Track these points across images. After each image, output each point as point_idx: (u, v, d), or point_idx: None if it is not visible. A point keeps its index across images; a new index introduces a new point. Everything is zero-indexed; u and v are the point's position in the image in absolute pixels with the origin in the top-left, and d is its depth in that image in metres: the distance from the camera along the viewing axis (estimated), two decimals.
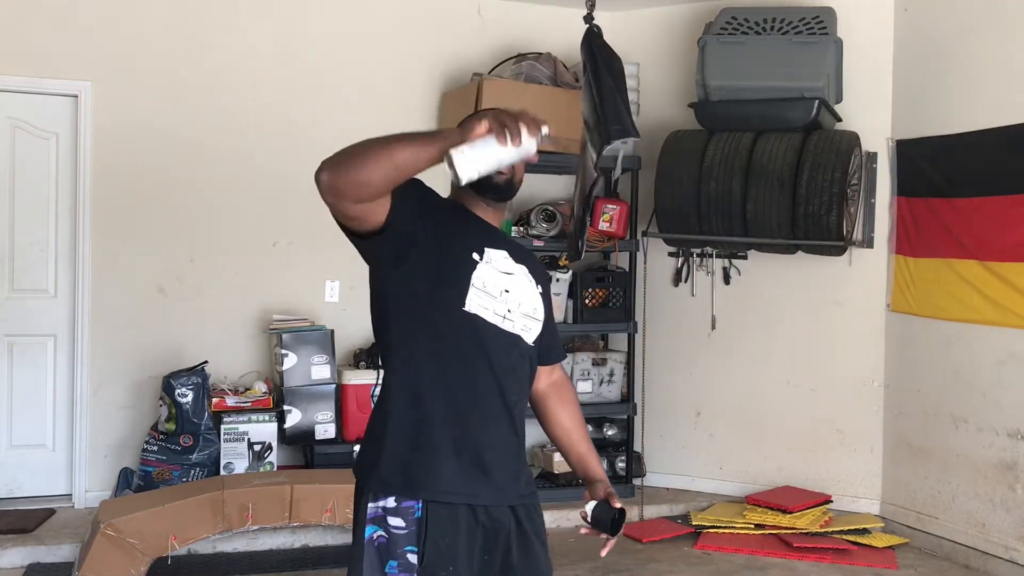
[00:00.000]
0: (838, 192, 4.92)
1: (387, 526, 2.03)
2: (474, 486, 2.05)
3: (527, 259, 2.23)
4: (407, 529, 2.01)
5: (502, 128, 1.82)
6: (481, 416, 2.08)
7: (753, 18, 5.12)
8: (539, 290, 2.20)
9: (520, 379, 2.17)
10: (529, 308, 2.16)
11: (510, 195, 2.22)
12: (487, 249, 2.11)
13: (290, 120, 5.43)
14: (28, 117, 5.10)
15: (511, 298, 2.12)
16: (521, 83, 5.25)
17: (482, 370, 2.08)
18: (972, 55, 4.77)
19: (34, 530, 4.66)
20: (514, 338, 2.12)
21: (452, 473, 2.03)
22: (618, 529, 2.20)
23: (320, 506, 4.30)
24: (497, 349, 2.09)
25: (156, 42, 5.22)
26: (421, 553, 2.00)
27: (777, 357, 5.56)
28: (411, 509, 2.02)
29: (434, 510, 2.01)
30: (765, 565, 4.64)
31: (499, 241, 2.18)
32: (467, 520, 2.04)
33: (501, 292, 2.10)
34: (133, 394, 5.20)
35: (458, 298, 2.05)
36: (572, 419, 2.38)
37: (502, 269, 2.12)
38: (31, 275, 5.14)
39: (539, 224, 5.37)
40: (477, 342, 2.07)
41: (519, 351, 2.14)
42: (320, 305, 5.47)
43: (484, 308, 2.07)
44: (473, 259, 2.08)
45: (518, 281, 2.15)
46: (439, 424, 2.05)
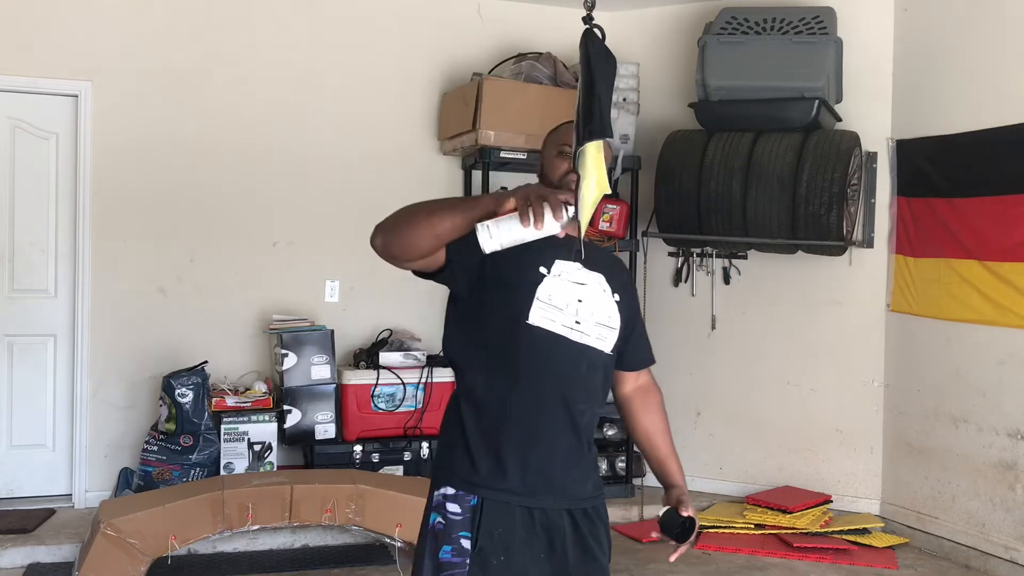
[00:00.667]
0: (838, 192, 4.92)
1: (445, 512, 2.09)
2: (532, 490, 2.09)
3: (606, 268, 2.23)
4: (462, 516, 2.07)
5: (527, 209, 1.88)
6: (544, 425, 2.11)
7: (753, 18, 5.12)
8: (616, 299, 2.20)
9: (589, 388, 2.17)
10: (603, 317, 2.16)
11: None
12: (558, 261, 2.13)
13: (290, 120, 5.43)
14: (28, 117, 5.10)
15: (582, 308, 2.13)
16: (521, 83, 5.25)
17: (546, 381, 2.10)
18: (972, 55, 4.77)
19: (34, 530, 4.66)
20: (584, 348, 2.13)
21: (512, 477, 2.08)
22: (686, 537, 2.24)
23: (320, 506, 4.30)
24: (563, 360, 2.11)
25: (156, 42, 5.22)
26: (475, 539, 2.05)
27: (777, 357, 5.56)
28: (468, 498, 2.08)
29: (490, 503, 2.07)
30: (765, 565, 4.64)
31: (575, 252, 2.16)
32: (523, 518, 2.09)
33: (570, 303, 2.12)
34: (133, 394, 5.20)
35: (521, 311, 2.07)
36: (654, 424, 2.38)
37: (574, 280, 2.13)
38: (31, 275, 5.14)
39: None
40: (541, 354, 2.09)
41: (589, 361, 2.15)
42: (320, 305, 5.47)
43: (550, 320, 2.09)
44: (540, 273, 2.11)
45: (591, 291, 2.16)
46: (502, 431, 2.09)
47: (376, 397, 5.23)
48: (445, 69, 5.72)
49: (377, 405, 5.23)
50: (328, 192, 5.50)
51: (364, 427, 5.20)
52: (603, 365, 2.19)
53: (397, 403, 5.26)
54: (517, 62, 5.47)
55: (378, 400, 5.24)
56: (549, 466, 2.11)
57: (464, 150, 5.47)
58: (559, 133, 2.27)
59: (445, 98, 5.64)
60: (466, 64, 5.67)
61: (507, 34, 5.79)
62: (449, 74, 5.71)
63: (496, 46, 5.75)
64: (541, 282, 2.10)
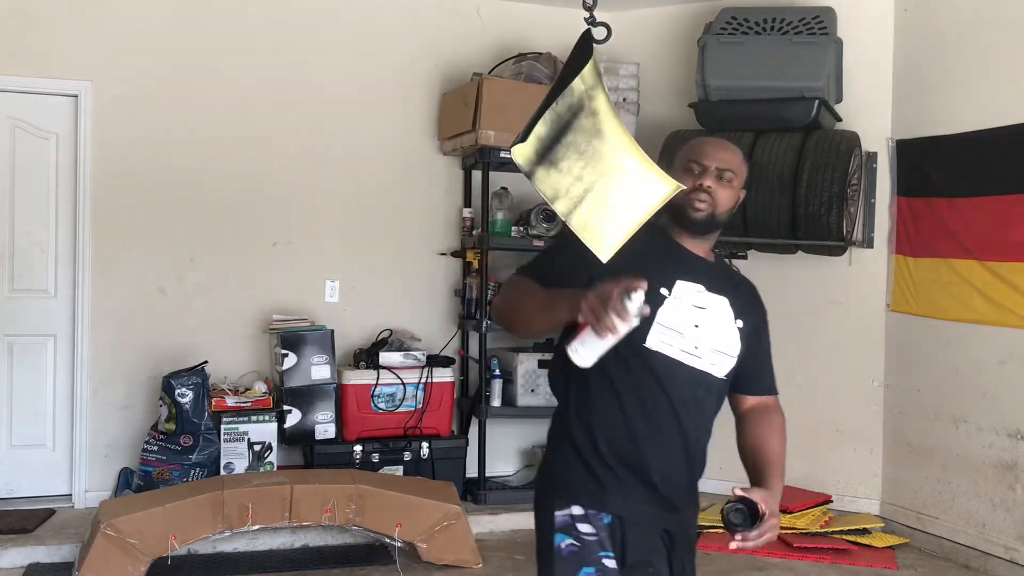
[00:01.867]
0: (838, 192, 4.92)
1: (577, 533, 2.06)
2: (662, 510, 2.10)
3: (731, 290, 2.17)
4: (598, 535, 2.05)
5: (597, 323, 1.81)
6: (658, 448, 2.08)
7: (753, 18, 5.12)
8: (739, 324, 2.14)
9: (703, 414, 2.14)
10: (721, 343, 2.12)
11: (710, 228, 2.17)
12: (679, 282, 2.08)
13: (291, 119, 5.43)
14: (28, 117, 5.10)
15: (700, 334, 2.08)
16: (521, 83, 5.25)
17: (661, 404, 2.07)
18: (972, 55, 4.77)
19: (34, 530, 4.66)
20: (700, 374, 2.09)
21: (642, 496, 2.07)
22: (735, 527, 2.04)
23: (320, 506, 4.30)
24: (679, 385, 2.07)
25: (156, 42, 5.21)
26: (620, 557, 2.04)
27: (777, 357, 5.52)
28: (600, 516, 2.06)
29: (630, 521, 2.07)
30: (765, 565, 4.64)
31: (696, 272, 2.13)
32: (661, 536, 2.12)
33: (689, 328, 2.07)
34: (133, 394, 5.20)
35: (640, 335, 2.00)
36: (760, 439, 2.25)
37: (694, 303, 2.09)
38: (31, 275, 5.13)
39: (539, 224, 5.36)
40: (657, 378, 2.06)
41: (705, 387, 2.12)
42: (320, 305, 5.47)
43: (668, 345, 2.05)
44: (660, 295, 2.05)
45: (711, 316, 2.10)
46: (624, 453, 2.07)
47: (376, 397, 5.23)
48: (445, 69, 5.71)
49: (377, 405, 5.23)
50: (328, 192, 5.50)
51: (364, 427, 5.20)
52: (716, 390, 2.16)
53: (397, 403, 5.26)
54: (517, 62, 5.46)
55: (378, 400, 5.23)
56: (664, 486, 2.10)
57: (464, 150, 5.47)
58: (690, 148, 2.19)
59: (445, 98, 5.64)
60: (466, 64, 5.67)
61: (507, 34, 5.79)
62: (449, 74, 5.71)
63: (496, 46, 5.75)
64: (662, 305, 2.04)
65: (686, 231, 2.15)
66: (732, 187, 2.14)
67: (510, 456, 5.82)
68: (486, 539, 4.90)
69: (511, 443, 5.80)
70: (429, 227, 5.71)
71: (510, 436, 5.76)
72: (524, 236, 5.41)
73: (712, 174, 2.11)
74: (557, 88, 1.91)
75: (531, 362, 5.41)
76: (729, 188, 2.13)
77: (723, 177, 2.12)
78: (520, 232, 5.43)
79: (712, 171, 2.11)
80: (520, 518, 5.16)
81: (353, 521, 4.36)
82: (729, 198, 2.14)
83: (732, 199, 2.15)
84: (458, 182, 5.75)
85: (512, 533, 5.07)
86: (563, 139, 1.89)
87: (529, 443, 5.82)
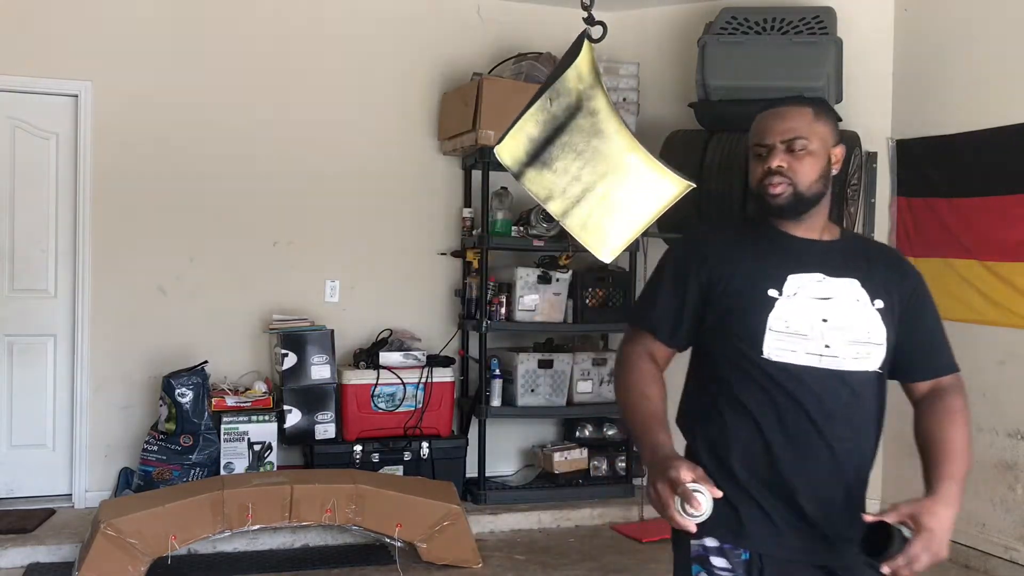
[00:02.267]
0: (838, 192, 4.92)
1: (710, 566, 1.88)
2: (805, 543, 1.84)
3: (863, 267, 1.90)
4: (733, 571, 1.86)
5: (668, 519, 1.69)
6: (803, 468, 1.83)
7: (753, 18, 5.12)
8: (878, 305, 1.87)
9: (855, 419, 1.87)
10: (860, 333, 1.85)
11: (804, 207, 1.89)
12: (791, 277, 1.84)
13: (291, 119, 5.43)
14: (28, 117, 5.10)
15: (829, 329, 1.83)
16: (521, 83, 5.25)
17: (798, 419, 1.82)
18: (972, 55, 4.77)
19: (34, 530, 4.66)
20: (840, 375, 1.84)
21: (783, 530, 1.84)
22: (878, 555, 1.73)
23: (320, 506, 4.30)
24: (815, 393, 1.82)
25: (156, 42, 5.21)
26: None
27: None
28: (737, 551, 1.86)
29: (769, 559, 1.84)
30: None
31: (812, 260, 1.88)
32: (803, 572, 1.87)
33: (815, 325, 1.83)
34: (133, 394, 5.20)
35: (755, 347, 1.83)
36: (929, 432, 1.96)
37: (815, 296, 1.84)
38: (31, 275, 5.13)
39: (539, 224, 5.37)
40: (786, 390, 1.82)
41: (851, 388, 1.85)
42: (320, 305, 5.47)
43: (790, 351, 1.82)
44: (770, 297, 1.83)
45: (839, 305, 1.85)
46: (759, 479, 1.85)
47: (376, 397, 5.23)
48: (445, 69, 5.71)
49: (377, 405, 5.23)
50: (328, 192, 5.50)
51: (364, 427, 5.20)
52: (872, 388, 1.90)
53: (397, 403, 5.26)
54: (517, 62, 5.46)
55: (378, 400, 5.23)
56: (811, 509, 1.84)
57: (464, 150, 5.47)
58: (752, 130, 1.96)
59: (445, 98, 5.64)
60: (466, 64, 5.67)
61: (507, 34, 5.79)
62: (449, 74, 5.71)
63: (496, 46, 5.75)
64: (772, 309, 1.83)
65: (782, 218, 1.91)
66: (810, 153, 1.87)
67: (510, 456, 5.82)
68: (486, 539, 4.90)
69: (511, 443, 5.80)
70: (429, 227, 5.71)
71: (510, 436, 5.76)
72: (524, 236, 5.41)
73: (779, 151, 1.87)
74: (543, 89, 1.91)
75: (531, 362, 5.41)
76: (806, 156, 1.87)
77: (793, 148, 1.87)
78: (520, 232, 5.43)
79: (778, 147, 1.88)
80: (520, 518, 5.17)
81: (353, 521, 4.36)
82: (811, 167, 1.87)
83: (817, 166, 1.88)
84: (458, 182, 5.75)
85: (512, 533, 5.07)
86: (557, 139, 1.87)
87: (529, 443, 5.83)
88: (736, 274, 1.84)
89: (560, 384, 5.48)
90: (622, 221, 1.83)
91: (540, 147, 1.86)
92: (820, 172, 1.88)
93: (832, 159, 1.92)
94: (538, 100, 1.89)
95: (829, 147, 1.91)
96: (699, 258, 1.93)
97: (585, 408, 5.61)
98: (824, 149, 1.90)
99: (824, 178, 1.89)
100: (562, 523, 5.20)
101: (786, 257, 1.87)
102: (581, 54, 1.91)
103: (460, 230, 5.68)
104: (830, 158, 1.91)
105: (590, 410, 5.63)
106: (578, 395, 5.55)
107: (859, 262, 1.91)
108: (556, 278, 5.42)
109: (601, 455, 5.62)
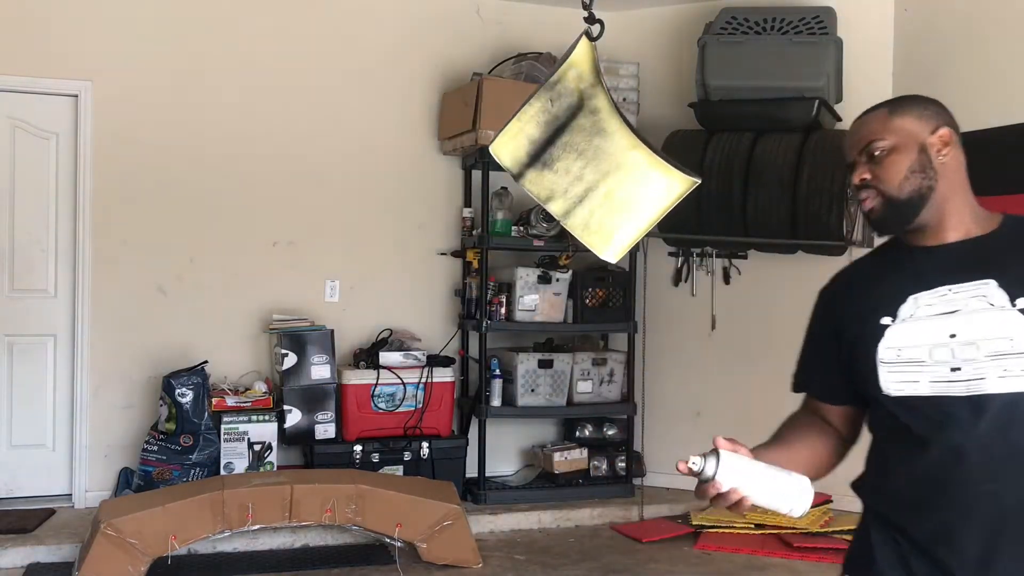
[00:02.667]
0: (838, 192, 4.92)
1: None
2: None
3: (1000, 265, 1.58)
4: None
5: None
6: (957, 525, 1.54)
7: (753, 18, 5.12)
8: (1020, 305, 1.53)
9: (1017, 454, 1.50)
10: (1000, 344, 1.51)
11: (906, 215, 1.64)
12: (911, 298, 1.60)
13: (290, 119, 5.43)
14: (28, 117, 5.10)
15: (959, 345, 1.54)
16: (521, 83, 5.25)
17: (948, 469, 1.54)
18: (972, 55, 4.77)
19: (34, 530, 4.66)
20: (982, 401, 1.50)
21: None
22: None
23: (320, 506, 4.30)
24: (952, 428, 1.53)
25: (156, 42, 5.21)
26: None
27: (777, 357, 5.49)
28: None
29: None
30: (765, 565, 4.63)
31: (938, 270, 1.61)
32: None
33: (938, 346, 1.55)
34: (133, 394, 5.20)
35: (873, 384, 1.61)
36: None
37: (939, 311, 1.57)
38: (31, 275, 5.13)
39: (539, 224, 5.37)
40: (912, 429, 1.57)
41: (996, 416, 1.50)
42: (320, 305, 5.47)
43: (912, 383, 1.57)
44: (881, 326, 1.61)
45: (967, 315, 1.55)
46: (899, 530, 1.63)
47: (376, 397, 5.23)
48: (445, 69, 5.71)
49: (377, 405, 5.23)
50: (328, 192, 5.50)
51: (364, 427, 5.20)
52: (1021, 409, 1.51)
53: (397, 403, 5.26)
54: (517, 62, 5.47)
55: (378, 400, 5.23)
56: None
57: (464, 150, 5.47)
58: (848, 136, 1.76)
59: (445, 98, 5.64)
60: (466, 64, 5.67)
61: (507, 34, 5.79)
62: (449, 74, 5.71)
63: (496, 46, 5.75)
64: (883, 337, 1.60)
65: (890, 232, 1.71)
66: (892, 151, 1.65)
67: (510, 456, 5.82)
68: (486, 539, 4.90)
69: (511, 443, 5.80)
70: (429, 227, 5.71)
71: (510, 436, 5.76)
72: (524, 236, 5.41)
73: (860, 164, 1.69)
74: (540, 89, 1.90)
75: (531, 362, 5.41)
76: (888, 156, 1.65)
77: (873, 155, 1.66)
78: (520, 232, 5.43)
79: (859, 161, 1.69)
80: (520, 518, 5.17)
81: (353, 521, 4.36)
82: (896, 166, 1.64)
83: (903, 162, 1.64)
84: (458, 182, 5.75)
85: (512, 533, 5.07)
86: (558, 140, 1.86)
87: (529, 443, 5.83)
88: (857, 309, 1.67)
89: (560, 384, 5.48)
90: (626, 220, 1.80)
91: (541, 148, 1.85)
92: (911, 167, 1.63)
93: (931, 147, 1.64)
94: (535, 100, 1.88)
95: (920, 137, 1.65)
96: (827, 299, 1.82)
97: (585, 408, 5.61)
98: (912, 141, 1.64)
99: (921, 172, 1.62)
100: (562, 523, 5.20)
101: (905, 276, 1.64)
102: (582, 53, 1.90)
103: (460, 230, 5.68)
104: (925, 147, 1.64)
105: (590, 410, 5.63)
106: (578, 395, 5.55)
107: (1005, 257, 1.59)
108: (556, 278, 5.43)
109: (601, 455, 5.62)
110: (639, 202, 1.80)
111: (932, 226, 1.65)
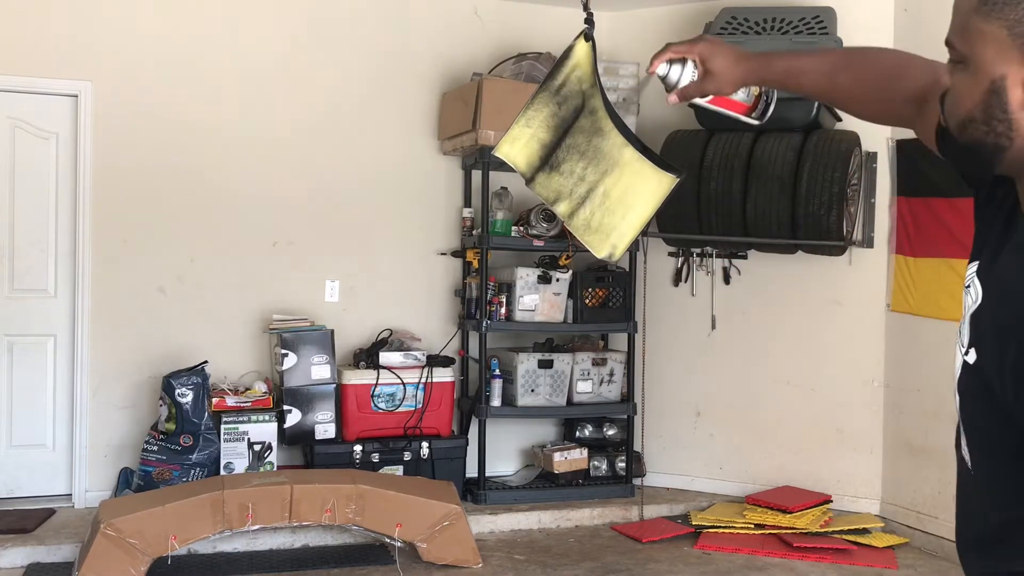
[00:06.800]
0: (838, 192, 4.92)
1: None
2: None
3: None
4: None
5: None
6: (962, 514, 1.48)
7: (753, 18, 5.12)
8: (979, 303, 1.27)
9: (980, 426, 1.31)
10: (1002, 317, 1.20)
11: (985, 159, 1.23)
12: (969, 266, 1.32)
13: (290, 119, 5.43)
14: (28, 117, 5.10)
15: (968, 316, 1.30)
16: (521, 83, 5.25)
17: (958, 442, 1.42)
18: None
19: (34, 530, 4.66)
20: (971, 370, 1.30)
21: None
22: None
23: (320, 506, 4.30)
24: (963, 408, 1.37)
25: (156, 42, 5.21)
26: None
27: (777, 357, 5.56)
28: None
29: None
30: (765, 565, 4.64)
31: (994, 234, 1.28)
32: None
33: (965, 319, 1.30)
34: (133, 394, 5.20)
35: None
36: None
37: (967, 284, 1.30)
38: (31, 275, 5.13)
39: (539, 224, 5.37)
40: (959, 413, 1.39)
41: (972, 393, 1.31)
42: (320, 305, 5.47)
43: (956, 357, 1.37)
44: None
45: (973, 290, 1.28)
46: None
47: (376, 397, 5.23)
48: (445, 69, 5.72)
49: (377, 405, 5.24)
50: (328, 192, 5.50)
51: (364, 427, 5.21)
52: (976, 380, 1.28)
53: (397, 403, 5.26)
54: (517, 62, 5.47)
55: (378, 400, 5.24)
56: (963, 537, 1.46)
57: (464, 150, 5.47)
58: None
59: (445, 98, 5.64)
60: (466, 64, 5.67)
61: (507, 34, 5.79)
62: (449, 74, 5.71)
63: (496, 46, 5.75)
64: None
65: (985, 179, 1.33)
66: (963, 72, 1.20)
67: (510, 456, 5.83)
68: (486, 539, 4.91)
69: (511, 443, 5.80)
70: (429, 227, 5.71)
71: (510, 436, 5.76)
72: (524, 236, 5.41)
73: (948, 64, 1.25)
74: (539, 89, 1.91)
75: (531, 362, 5.41)
76: (957, 75, 1.21)
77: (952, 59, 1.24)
78: (520, 232, 5.43)
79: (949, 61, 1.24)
80: (520, 518, 5.17)
81: (353, 521, 4.36)
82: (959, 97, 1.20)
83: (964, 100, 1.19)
84: (458, 182, 5.75)
85: (512, 533, 5.08)
86: (563, 142, 1.87)
87: (529, 443, 5.83)
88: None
89: (560, 384, 5.48)
90: (621, 219, 1.80)
91: (550, 151, 1.86)
92: (970, 112, 1.16)
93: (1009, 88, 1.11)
94: (543, 105, 1.89)
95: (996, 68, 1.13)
96: None
97: (585, 408, 5.61)
98: (984, 68, 1.14)
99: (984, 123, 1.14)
100: (562, 523, 5.20)
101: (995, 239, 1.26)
102: (583, 54, 1.90)
103: (460, 230, 5.68)
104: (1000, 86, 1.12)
105: (590, 410, 5.63)
106: (578, 395, 5.55)
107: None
108: (556, 278, 5.43)
109: (601, 455, 5.62)
110: (633, 200, 1.80)
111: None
